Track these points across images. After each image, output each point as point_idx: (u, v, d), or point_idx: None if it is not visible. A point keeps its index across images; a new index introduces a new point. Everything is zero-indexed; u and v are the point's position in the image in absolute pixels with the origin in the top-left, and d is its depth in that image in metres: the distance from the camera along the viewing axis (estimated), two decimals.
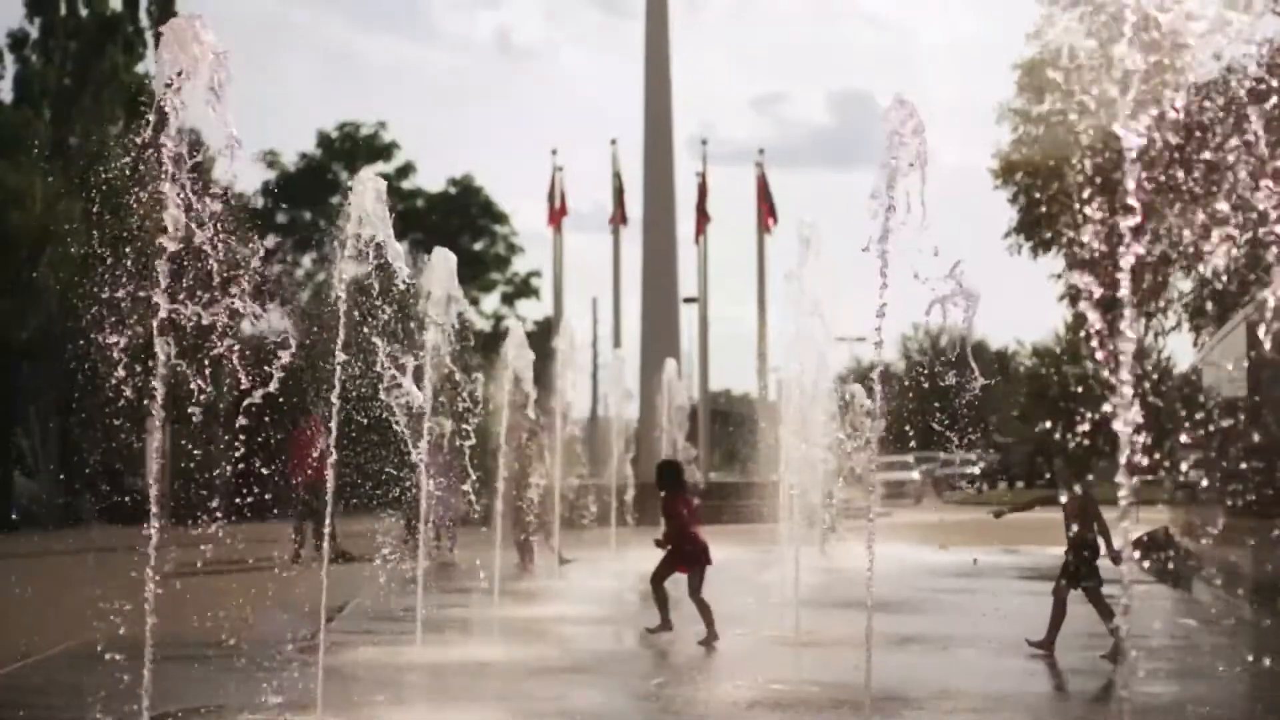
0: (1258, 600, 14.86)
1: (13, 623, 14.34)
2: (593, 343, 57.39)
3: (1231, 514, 16.51)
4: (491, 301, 60.78)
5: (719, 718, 9.70)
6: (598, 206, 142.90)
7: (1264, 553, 15.05)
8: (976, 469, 60.06)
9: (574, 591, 17.90)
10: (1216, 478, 16.97)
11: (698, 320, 46.19)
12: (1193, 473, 19.16)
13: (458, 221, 59.02)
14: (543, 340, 27.90)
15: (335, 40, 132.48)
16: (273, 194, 56.17)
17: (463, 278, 14.56)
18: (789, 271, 14.85)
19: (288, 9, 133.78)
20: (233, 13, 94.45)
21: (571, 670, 11.94)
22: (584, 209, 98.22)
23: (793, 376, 16.47)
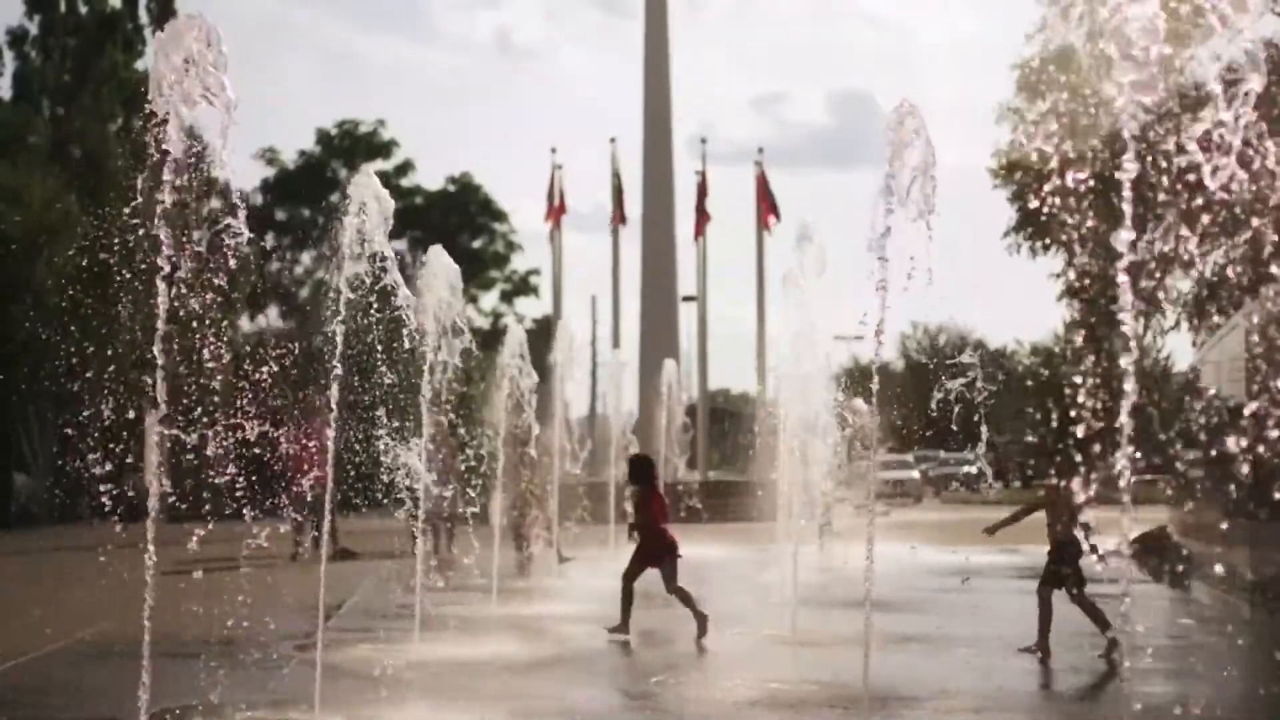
0: (1256, 600, 14.87)
1: (11, 620, 14.34)
2: (592, 341, 57.43)
3: (1229, 514, 16.53)
4: (490, 299, 60.84)
5: (718, 716, 9.69)
6: (597, 206, 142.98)
7: (1262, 552, 15.07)
8: (973, 468, 59.51)
9: (573, 590, 17.90)
10: (1214, 477, 16.98)
11: (697, 319, 46.20)
12: (1191, 472, 19.16)
13: (457, 219, 59.01)
14: (542, 338, 27.90)
15: (335, 40, 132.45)
16: (271, 191, 56.18)
17: (462, 275, 14.54)
18: (788, 272, 14.85)
19: (288, 9, 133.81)
20: (233, 12, 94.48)
21: (570, 668, 11.93)
22: (583, 209, 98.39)
23: (791, 375, 16.44)
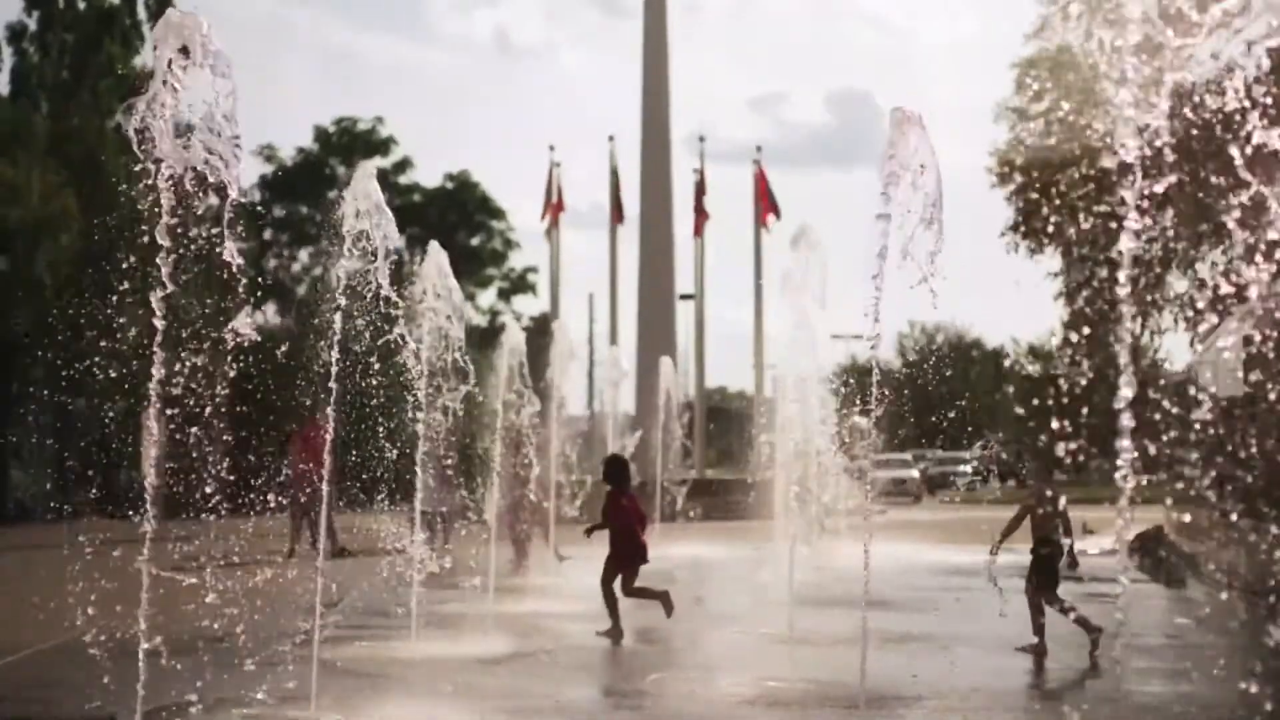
0: (1252, 600, 14.87)
1: (7, 616, 14.33)
2: (589, 339, 57.46)
3: (1225, 513, 16.53)
4: (488, 297, 60.82)
5: (714, 715, 9.69)
6: (595, 205, 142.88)
7: (1258, 552, 15.07)
8: (968, 467, 59.45)
9: (570, 588, 17.88)
10: (1211, 477, 16.98)
11: (694, 318, 46.19)
12: (1187, 472, 19.14)
13: (455, 217, 58.97)
14: (539, 336, 27.88)
15: (334, 39, 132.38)
16: (269, 188, 56.14)
17: (459, 273, 14.55)
18: (786, 271, 14.86)
19: (287, 8, 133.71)
20: (231, 11, 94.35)
21: (566, 666, 11.94)
22: (581, 207, 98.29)
23: (788, 374, 16.45)
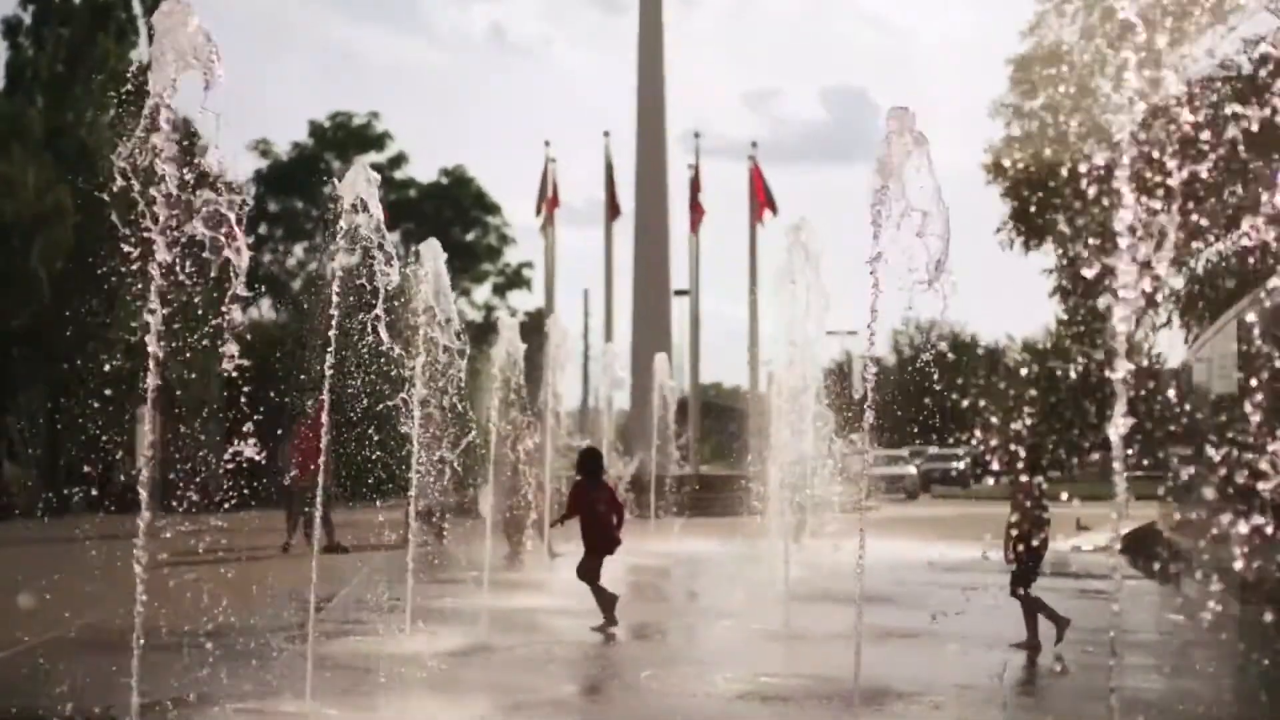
0: (1246, 597, 14.89)
1: (1, 611, 14.31)
2: (584, 334, 57.43)
3: (1220, 510, 16.53)
4: (483, 292, 60.74)
5: (708, 710, 9.70)
6: (591, 201, 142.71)
7: (1252, 549, 15.07)
8: (960, 464, 59.27)
9: (563, 584, 17.88)
10: (1205, 474, 17.01)
11: (689, 313, 46.18)
12: (1182, 468, 19.18)
13: (450, 212, 58.85)
14: (534, 331, 27.87)
15: (330, 34, 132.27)
16: (264, 183, 56.04)
17: (454, 268, 14.54)
18: (781, 268, 14.87)
19: (283, 2, 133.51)
20: (227, 5, 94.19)
21: (561, 661, 11.95)
22: (577, 203, 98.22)
23: (782, 370, 16.47)
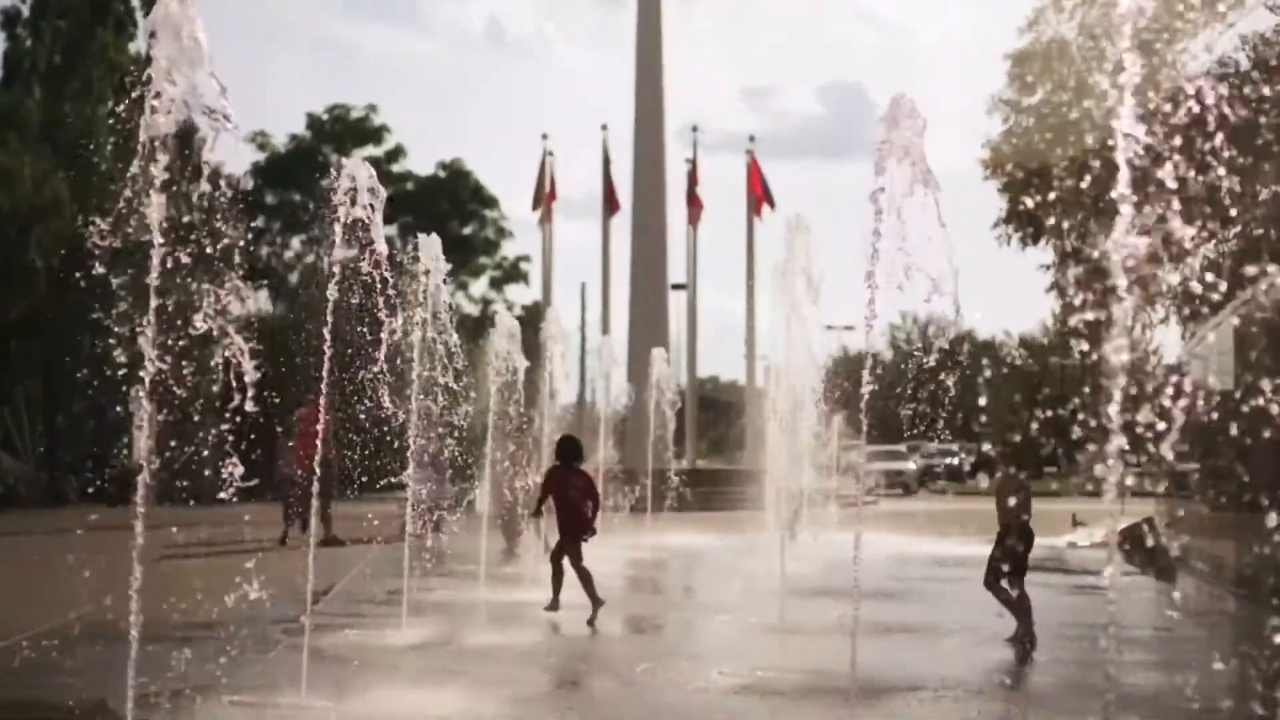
0: (1241, 592, 14.91)
1: None
2: (581, 328, 57.38)
3: (1216, 506, 16.56)
4: (480, 286, 60.72)
5: (705, 703, 9.70)
6: (588, 195, 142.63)
7: (1248, 545, 15.11)
8: (955, 460, 59.23)
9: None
10: (1201, 470, 17.02)
11: (686, 307, 46.21)
12: (1177, 465, 19.18)
13: (447, 205, 58.82)
14: (531, 325, 27.86)
15: (328, 27, 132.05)
16: (262, 175, 56.00)
17: (451, 262, 14.54)
18: (778, 263, 14.87)
19: None
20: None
21: (558, 655, 11.95)
22: (574, 196, 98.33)
23: (780, 364, 16.48)
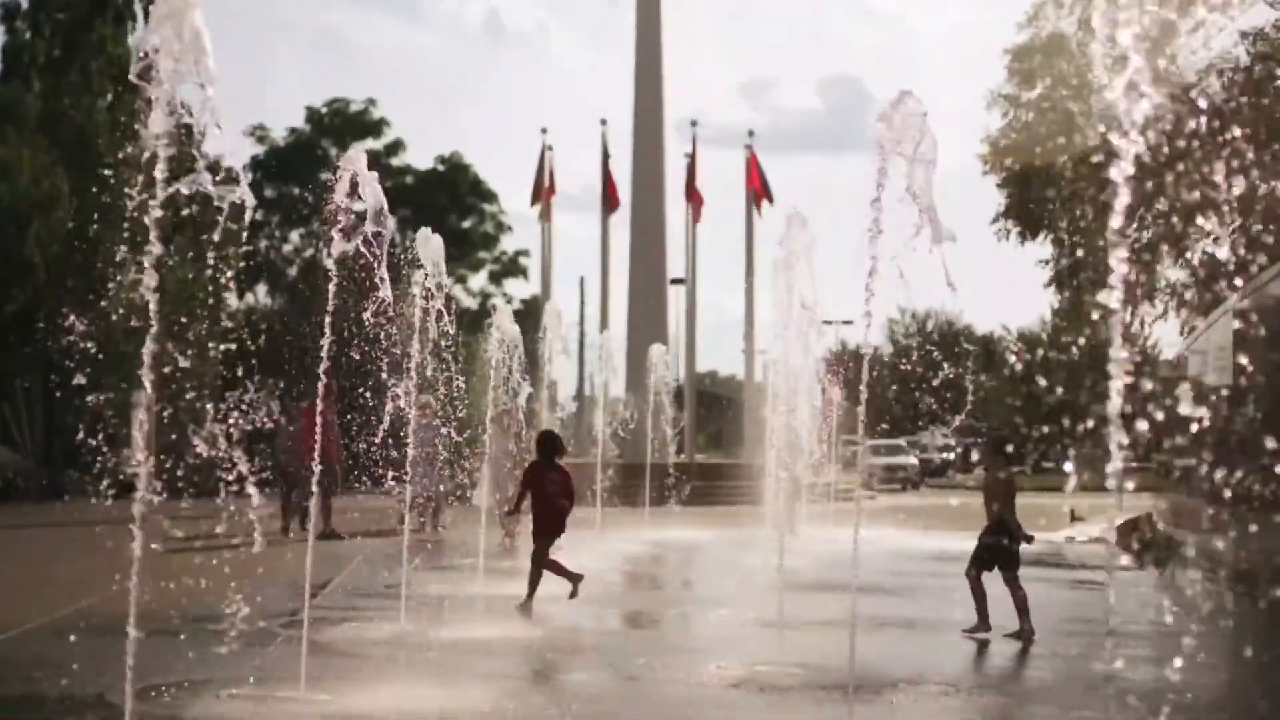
0: (1239, 587, 14.94)
1: None
2: (579, 322, 57.40)
3: (1214, 501, 16.59)
4: (479, 280, 60.70)
5: (703, 698, 9.72)
6: (587, 189, 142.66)
7: (1245, 540, 15.14)
8: (951, 455, 59.27)
9: None
10: (1200, 465, 17.05)
11: (685, 302, 46.18)
12: (1175, 460, 19.22)
13: (446, 199, 58.79)
14: (529, 319, 27.86)
15: (327, 20, 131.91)
16: (261, 169, 55.98)
17: (450, 256, 14.55)
18: (777, 259, 14.86)
19: None
20: None
21: (556, 649, 11.96)
22: (573, 191, 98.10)
23: (778, 360, 16.48)
